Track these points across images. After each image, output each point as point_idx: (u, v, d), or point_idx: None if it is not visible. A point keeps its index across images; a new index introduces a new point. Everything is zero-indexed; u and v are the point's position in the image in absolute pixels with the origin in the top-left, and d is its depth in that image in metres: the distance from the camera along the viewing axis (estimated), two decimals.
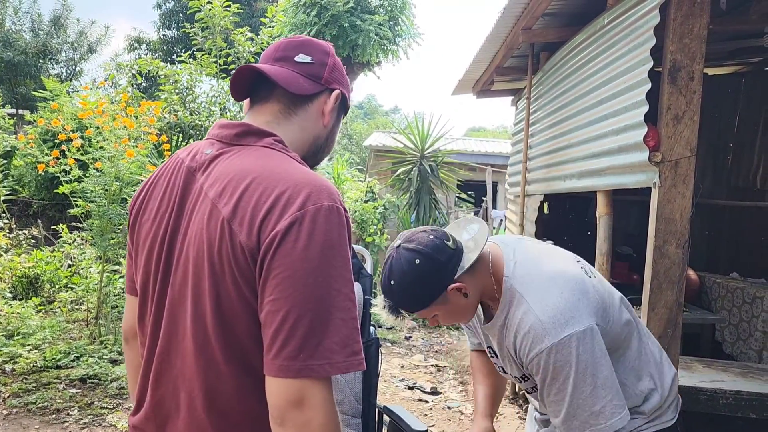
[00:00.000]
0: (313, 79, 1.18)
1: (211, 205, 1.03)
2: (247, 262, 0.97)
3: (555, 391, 1.48)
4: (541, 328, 1.47)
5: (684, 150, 2.49)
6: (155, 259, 1.12)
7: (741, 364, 3.49)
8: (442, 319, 1.61)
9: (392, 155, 10.10)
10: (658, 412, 1.63)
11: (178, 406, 1.07)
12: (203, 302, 1.01)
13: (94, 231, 5.16)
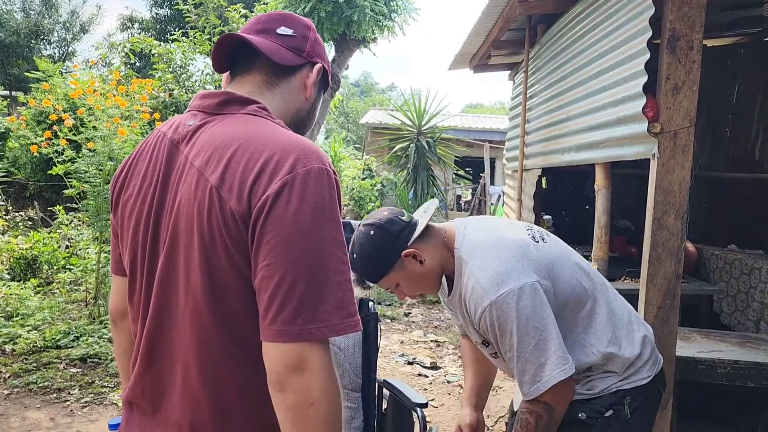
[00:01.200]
0: (296, 51, 1.17)
1: (197, 174, 1.01)
2: (239, 229, 0.96)
3: (506, 348, 1.56)
4: (480, 289, 1.56)
5: (683, 120, 2.47)
6: (142, 234, 1.10)
7: (739, 334, 3.50)
8: (405, 289, 1.70)
9: (389, 132, 10.06)
10: (631, 370, 1.67)
11: (174, 379, 1.06)
12: (194, 273, 1.00)
13: (90, 211, 5.14)
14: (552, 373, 1.51)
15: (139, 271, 1.11)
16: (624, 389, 1.65)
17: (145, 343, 1.09)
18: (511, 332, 1.52)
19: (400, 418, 2.35)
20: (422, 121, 9.13)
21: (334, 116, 27.00)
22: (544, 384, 1.52)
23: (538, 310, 1.52)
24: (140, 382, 1.11)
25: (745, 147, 5.47)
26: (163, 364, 1.08)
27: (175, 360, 1.05)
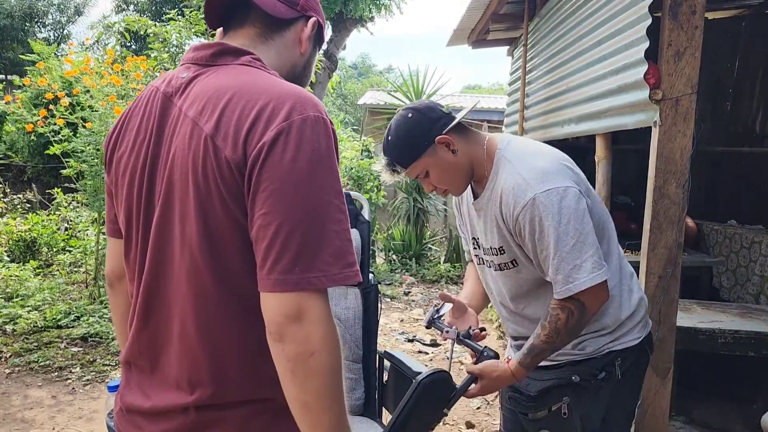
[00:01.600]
0: (289, 4, 1.14)
1: (192, 125, 0.99)
2: (234, 178, 0.94)
3: (543, 245, 1.55)
4: (525, 184, 1.56)
5: (685, 87, 2.44)
6: (136, 189, 1.08)
7: (739, 305, 3.51)
8: (434, 178, 1.67)
9: (387, 112, 10.00)
10: (623, 330, 1.68)
11: (171, 335, 1.05)
12: (190, 226, 0.98)
13: (88, 191, 5.11)
14: (588, 276, 1.52)
15: (135, 228, 1.09)
16: (615, 350, 1.67)
17: (142, 300, 1.07)
18: (551, 229, 1.52)
19: (401, 388, 2.35)
20: (420, 99, 9.08)
21: (332, 98, 26.86)
22: (578, 285, 1.52)
23: (579, 213, 1.52)
24: (137, 341, 1.10)
25: (745, 121, 5.43)
26: (160, 321, 1.06)
27: (172, 316, 1.04)
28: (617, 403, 1.66)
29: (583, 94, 3.24)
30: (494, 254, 1.72)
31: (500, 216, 1.64)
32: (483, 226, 1.74)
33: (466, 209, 1.87)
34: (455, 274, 8.25)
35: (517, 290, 1.72)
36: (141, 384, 1.11)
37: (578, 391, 1.65)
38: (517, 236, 1.62)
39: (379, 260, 8.98)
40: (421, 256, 8.85)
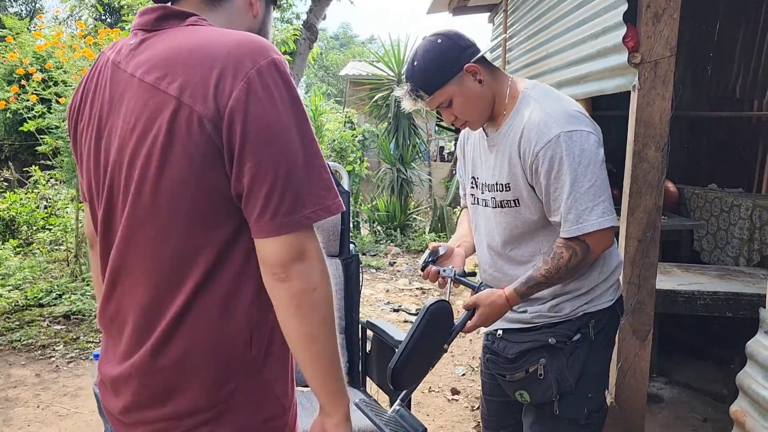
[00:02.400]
0: None
1: (150, 89, 0.96)
2: (207, 134, 0.92)
3: (558, 184, 1.56)
4: (551, 120, 1.57)
5: (664, 50, 2.42)
6: (94, 160, 1.06)
7: (718, 267, 3.55)
8: (457, 107, 1.66)
9: (369, 82, 9.91)
10: (597, 292, 1.71)
11: (133, 306, 1.04)
12: (147, 189, 0.97)
13: (65, 168, 5.03)
14: (598, 219, 1.55)
15: (97, 199, 1.07)
16: (590, 312, 1.70)
17: (109, 270, 1.05)
18: (570, 169, 1.54)
19: (384, 357, 2.36)
20: (402, 69, 8.99)
21: (314, 70, 26.54)
22: (588, 226, 1.55)
23: (598, 160, 1.56)
24: (105, 310, 1.09)
25: (726, 85, 5.44)
26: (124, 291, 1.05)
27: (136, 285, 1.02)
28: (591, 364, 1.69)
29: (563, 59, 3.21)
30: (498, 190, 1.71)
31: (517, 151, 1.63)
32: (493, 161, 1.73)
33: (471, 147, 1.87)
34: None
35: (511, 231, 1.71)
36: (114, 352, 1.10)
37: (554, 352, 1.68)
38: (532, 173, 1.61)
39: (363, 231, 8.98)
40: (406, 227, 8.87)
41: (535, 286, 1.62)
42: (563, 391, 1.67)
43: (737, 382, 1.86)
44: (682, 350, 4.01)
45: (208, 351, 1.01)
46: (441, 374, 3.99)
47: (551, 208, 1.61)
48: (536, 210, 1.66)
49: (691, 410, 3.37)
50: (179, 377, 1.01)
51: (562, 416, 1.69)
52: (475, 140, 1.85)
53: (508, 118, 1.68)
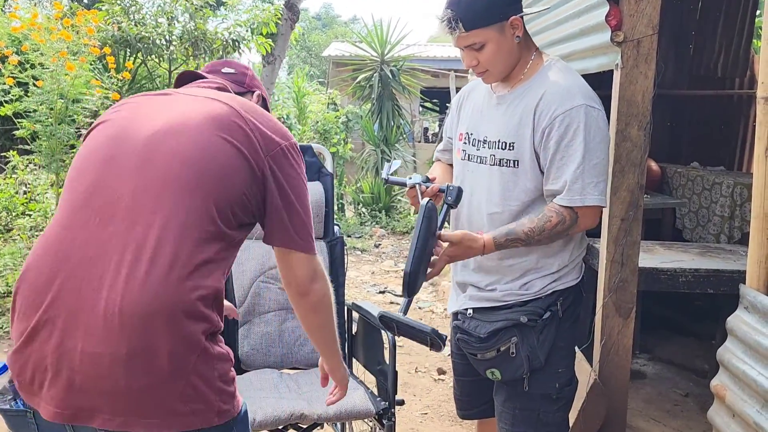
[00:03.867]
0: (238, 84, 1.54)
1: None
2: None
3: (569, 152, 1.60)
4: (576, 90, 1.62)
5: (646, 28, 2.42)
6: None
7: (700, 245, 3.59)
8: (486, 54, 1.64)
9: (352, 63, 9.83)
10: (564, 271, 1.76)
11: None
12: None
13: (44, 153, 4.94)
14: (599, 196, 1.60)
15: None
16: (558, 290, 1.74)
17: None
18: (583, 141, 1.58)
19: (370, 339, 2.36)
20: (385, 49, 8.92)
21: (296, 50, 26.26)
22: (589, 199, 1.59)
23: (607, 142, 1.64)
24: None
25: (707, 64, 5.46)
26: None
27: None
28: (559, 340, 1.75)
29: (546, 38, 3.20)
30: (500, 148, 1.71)
31: (533, 112, 1.65)
32: (500, 119, 1.73)
33: (471, 104, 1.87)
34: None
35: (502, 192, 1.72)
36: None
37: (525, 330, 1.71)
38: (542, 137, 1.63)
39: (348, 213, 8.97)
40: (391, 208, 8.87)
41: (513, 240, 1.64)
42: (533, 368, 1.71)
43: (718, 358, 1.88)
44: (664, 327, 4.07)
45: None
46: (427, 354, 4.02)
47: (551, 175, 1.64)
48: (533, 177, 1.68)
49: (674, 386, 3.43)
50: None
51: (534, 392, 1.73)
52: (479, 97, 1.84)
53: (526, 81, 1.70)
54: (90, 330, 1.11)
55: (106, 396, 1.11)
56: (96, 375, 1.11)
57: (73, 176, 1.28)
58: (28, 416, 1.19)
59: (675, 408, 3.18)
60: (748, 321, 1.78)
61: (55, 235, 1.21)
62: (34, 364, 1.14)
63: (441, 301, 5.14)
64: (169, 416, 1.13)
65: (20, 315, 1.18)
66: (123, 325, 1.10)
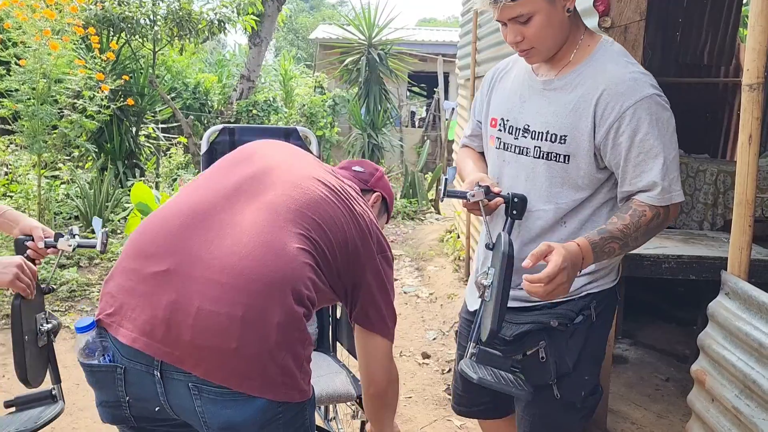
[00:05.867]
0: (363, 181, 1.68)
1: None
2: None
3: (645, 148, 1.45)
4: (643, 80, 1.48)
5: (634, 14, 2.42)
6: None
7: (683, 232, 3.63)
8: (532, 28, 1.46)
9: (339, 46, 9.76)
10: (602, 273, 1.61)
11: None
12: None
13: (26, 133, 4.87)
14: (680, 191, 1.50)
15: None
16: (592, 293, 1.60)
17: None
18: (660, 134, 1.45)
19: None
20: (373, 32, 8.86)
21: (283, 33, 25.99)
22: (675, 195, 1.48)
23: (676, 138, 1.51)
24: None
25: (694, 52, 5.48)
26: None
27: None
28: (589, 347, 1.61)
29: None
30: (548, 140, 1.54)
31: (593, 105, 1.48)
32: (547, 107, 1.56)
33: (507, 85, 1.69)
34: (411, 210, 8.28)
35: (548, 189, 1.56)
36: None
37: (555, 335, 1.58)
38: (607, 131, 1.47)
39: None
40: None
41: (609, 240, 1.43)
42: (560, 374, 1.58)
43: (698, 343, 1.90)
44: (647, 313, 4.12)
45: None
46: (412, 339, 4.04)
47: (628, 174, 1.48)
48: (585, 175, 1.52)
49: (655, 370, 3.47)
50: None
51: (558, 400, 1.60)
52: (516, 79, 1.66)
53: (577, 66, 1.53)
54: (210, 287, 1.18)
55: (215, 352, 1.16)
56: (210, 332, 1.16)
57: (233, 161, 1.50)
58: (117, 371, 1.21)
59: (656, 392, 3.22)
60: (729, 307, 1.80)
61: (199, 197, 1.35)
62: (145, 308, 1.20)
63: (426, 286, 5.16)
64: (266, 382, 1.18)
65: (143, 254, 1.25)
66: (246, 287, 1.17)
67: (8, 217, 1.70)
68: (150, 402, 1.22)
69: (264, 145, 1.59)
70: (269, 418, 1.19)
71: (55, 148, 5.20)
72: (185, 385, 1.17)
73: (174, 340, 1.16)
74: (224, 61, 13.35)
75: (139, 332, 1.18)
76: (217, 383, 1.16)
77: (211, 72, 11.55)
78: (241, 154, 1.54)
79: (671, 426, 2.87)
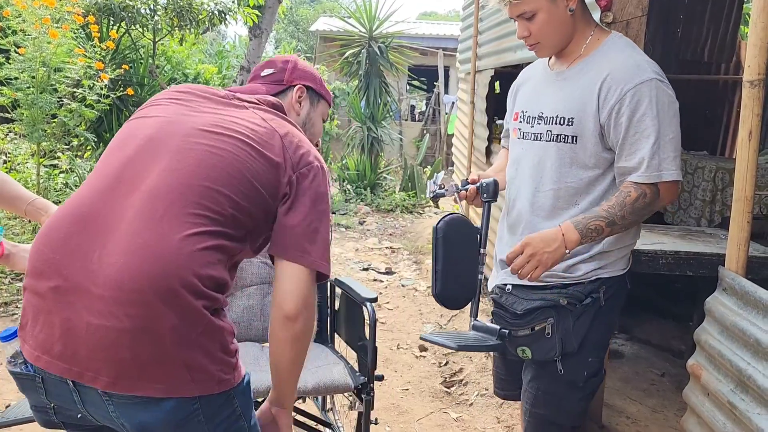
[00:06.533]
0: (277, 83, 1.55)
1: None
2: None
3: (641, 128, 1.55)
4: (646, 65, 1.58)
5: (636, 9, 2.42)
6: None
7: (681, 228, 3.63)
8: (536, 25, 1.63)
9: (340, 38, 9.73)
10: (612, 258, 1.69)
11: None
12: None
13: (25, 122, 4.86)
14: (676, 170, 1.56)
15: None
16: (603, 278, 1.69)
17: None
18: (656, 116, 1.54)
19: (352, 313, 2.37)
20: (374, 25, 8.83)
21: (283, 25, 25.90)
22: (669, 174, 1.56)
23: (679, 117, 1.58)
24: None
25: (695, 48, 5.48)
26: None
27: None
28: (594, 329, 1.69)
29: None
30: (557, 123, 1.67)
31: (597, 89, 1.60)
32: (558, 94, 1.69)
33: (528, 85, 1.85)
34: (410, 203, 8.29)
35: (559, 168, 1.67)
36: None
37: (563, 313, 1.67)
38: (610, 113, 1.58)
39: (333, 190, 8.94)
40: (376, 186, 8.86)
41: (593, 220, 1.55)
42: (565, 352, 1.67)
43: (695, 338, 1.91)
44: (643, 308, 4.13)
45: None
46: (409, 331, 4.05)
47: (624, 151, 1.58)
48: (593, 153, 1.63)
49: (650, 365, 3.49)
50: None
51: (560, 376, 1.69)
52: (535, 78, 1.83)
53: (586, 57, 1.66)
54: (95, 301, 1.14)
55: (111, 363, 1.14)
56: (101, 346, 1.13)
57: (112, 147, 1.35)
58: (36, 380, 1.21)
59: (651, 387, 3.24)
60: (726, 303, 1.81)
61: (81, 196, 1.26)
62: (44, 326, 1.18)
63: (424, 279, 5.17)
64: (173, 382, 1.15)
65: (35, 271, 1.21)
66: (128, 299, 1.13)
67: (37, 205, 1.73)
68: (71, 409, 1.23)
69: (150, 108, 1.42)
70: (184, 416, 1.17)
71: (54, 137, 5.19)
72: (96, 392, 1.17)
73: (70, 357, 1.15)
74: (224, 53, 13.29)
75: (40, 350, 1.18)
76: (121, 393, 1.15)
77: (211, 63, 11.50)
78: (125, 131, 1.38)
79: (666, 420, 2.89)
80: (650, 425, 2.85)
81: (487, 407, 3.02)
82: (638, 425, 2.85)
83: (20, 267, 1.62)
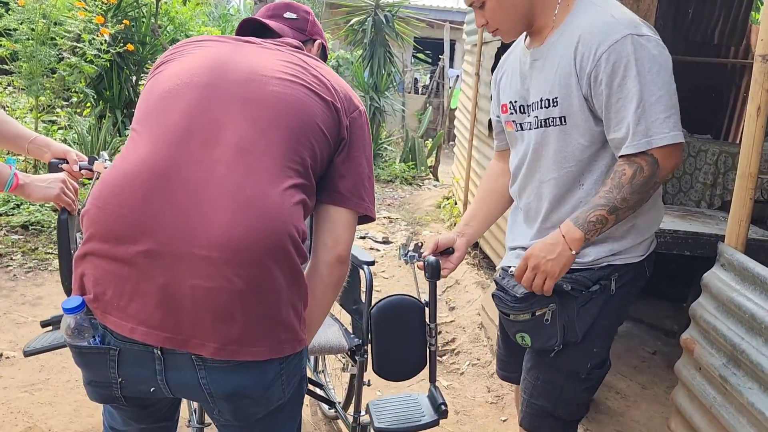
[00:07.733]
0: (300, 30, 1.49)
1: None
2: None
3: (623, 93, 1.39)
4: (617, 23, 1.41)
5: None
6: None
7: (680, 208, 3.63)
8: (488, 13, 1.53)
9: (347, 6, 9.60)
10: (628, 244, 1.55)
11: None
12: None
13: (23, 74, 4.80)
14: (671, 132, 1.38)
15: None
16: (615, 264, 1.55)
17: None
18: (638, 75, 1.37)
19: (352, 282, 2.36)
20: None
21: None
22: (659, 138, 1.38)
23: (670, 67, 1.40)
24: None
25: (705, 30, 5.40)
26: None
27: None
28: (603, 318, 1.56)
29: None
30: (543, 107, 1.54)
31: (572, 58, 1.46)
32: (538, 76, 1.56)
33: (508, 75, 1.70)
34: (410, 174, 8.27)
35: (555, 154, 1.54)
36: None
37: (566, 299, 1.54)
38: (590, 82, 1.44)
39: None
40: (377, 156, 8.82)
41: (593, 209, 1.41)
42: (567, 341, 1.55)
43: (690, 313, 1.91)
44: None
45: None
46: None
47: (611, 122, 1.43)
48: (585, 131, 1.49)
49: (642, 343, 3.51)
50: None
51: (562, 366, 1.59)
52: (514, 62, 1.68)
53: (557, 28, 1.52)
54: (199, 263, 1.06)
55: (220, 327, 1.08)
56: (209, 310, 1.07)
57: (161, 94, 1.21)
58: (110, 354, 1.12)
59: (642, 364, 3.26)
60: (723, 278, 1.80)
61: (148, 151, 1.13)
62: (135, 295, 1.09)
63: None
64: (272, 344, 1.13)
65: (112, 235, 1.09)
66: (237, 259, 1.07)
67: (38, 143, 1.73)
68: (144, 383, 1.15)
69: (184, 53, 1.31)
70: (274, 376, 1.16)
71: (53, 91, 5.13)
72: (188, 357, 1.11)
73: (174, 326, 1.08)
74: (228, 16, 13.13)
75: (134, 321, 1.09)
76: (225, 359, 1.10)
77: (215, 26, 11.37)
78: (166, 77, 1.25)
79: (656, 397, 2.91)
80: (639, 401, 2.87)
81: (478, 377, 3.04)
82: (627, 400, 2.87)
83: (36, 197, 1.61)
